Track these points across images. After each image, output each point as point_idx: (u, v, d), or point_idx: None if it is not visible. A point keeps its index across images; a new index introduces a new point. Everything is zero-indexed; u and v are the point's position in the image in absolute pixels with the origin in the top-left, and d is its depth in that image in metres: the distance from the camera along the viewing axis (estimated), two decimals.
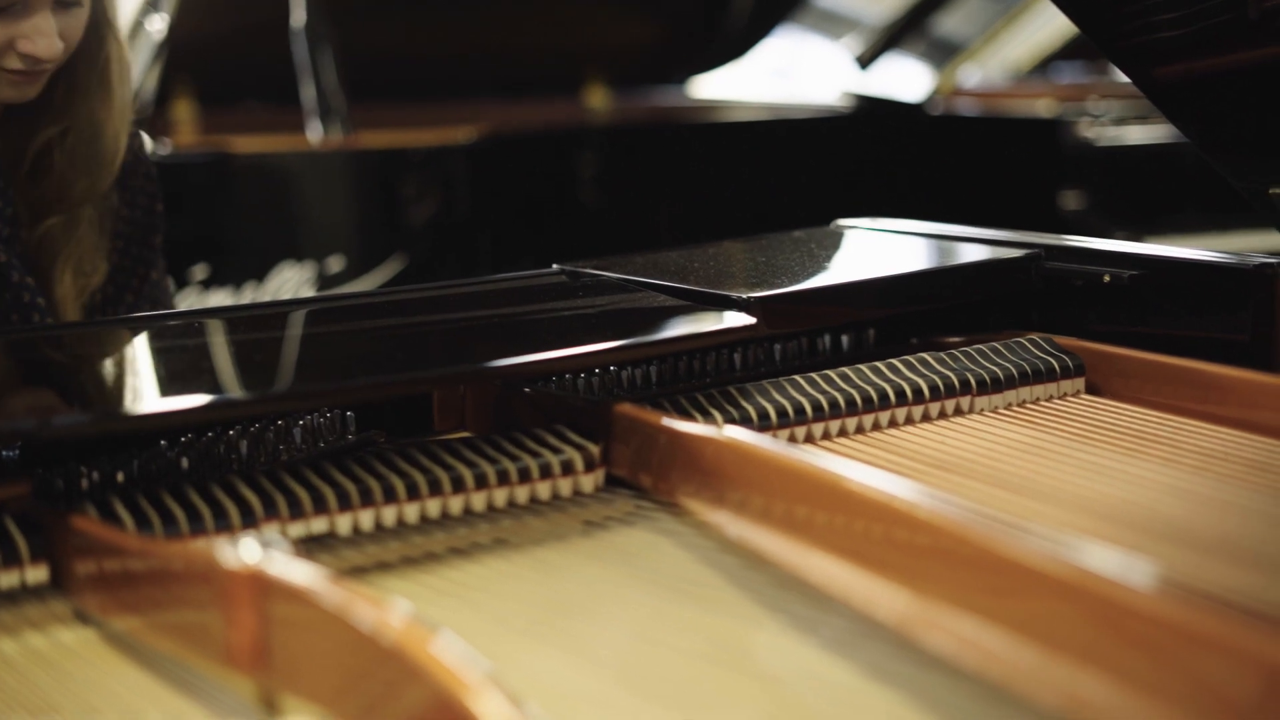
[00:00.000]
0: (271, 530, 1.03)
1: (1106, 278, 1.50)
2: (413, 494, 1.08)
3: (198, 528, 1.02)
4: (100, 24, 1.56)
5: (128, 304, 1.69)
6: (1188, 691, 0.75)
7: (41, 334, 1.39)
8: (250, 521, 1.03)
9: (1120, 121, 3.67)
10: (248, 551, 0.85)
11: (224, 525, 1.02)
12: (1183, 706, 0.75)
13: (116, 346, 1.27)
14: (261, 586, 0.84)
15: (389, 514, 1.08)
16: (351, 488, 1.06)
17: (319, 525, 1.05)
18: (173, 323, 1.35)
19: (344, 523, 1.06)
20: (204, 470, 1.15)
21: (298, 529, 1.05)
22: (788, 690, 0.84)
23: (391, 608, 0.78)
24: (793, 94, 4.80)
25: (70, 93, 1.56)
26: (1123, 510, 1.07)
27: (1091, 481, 1.14)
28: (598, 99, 4.15)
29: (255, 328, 1.34)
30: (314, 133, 3.07)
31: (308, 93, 3.09)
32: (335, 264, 2.93)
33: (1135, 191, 3.60)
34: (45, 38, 1.45)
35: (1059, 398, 1.38)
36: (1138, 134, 3.62)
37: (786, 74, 5.43)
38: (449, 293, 1.46)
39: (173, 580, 0.91)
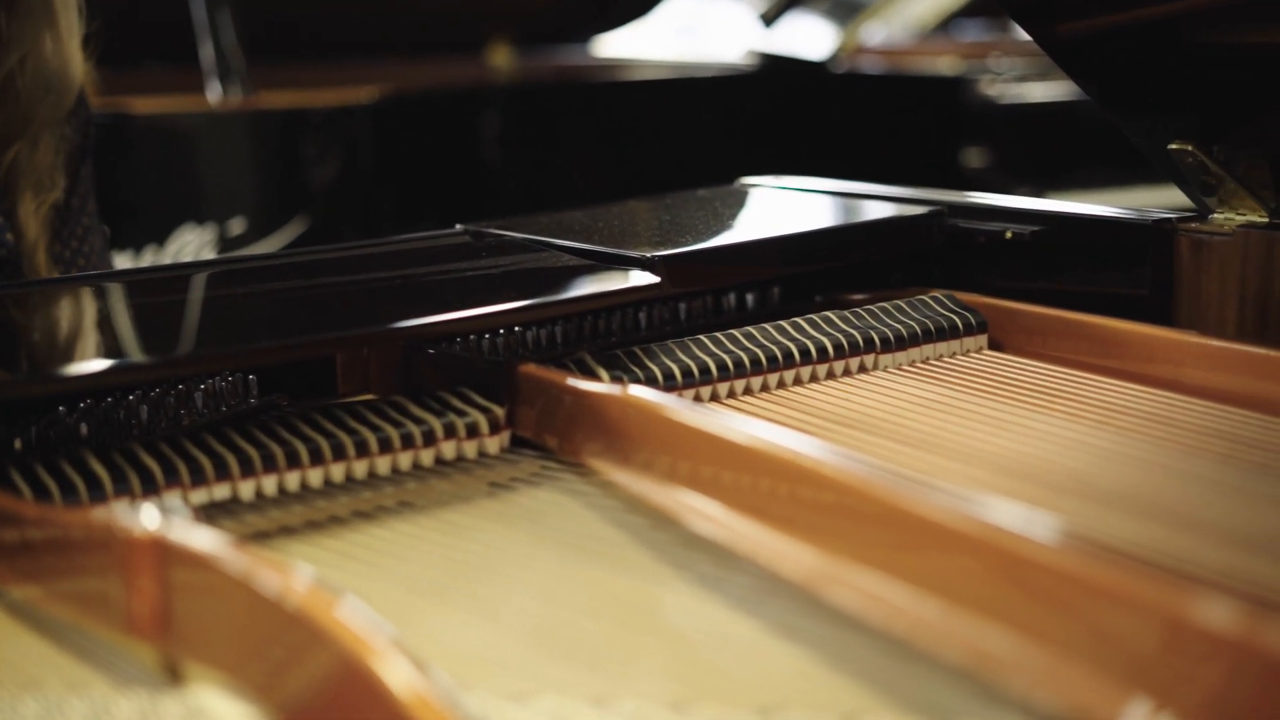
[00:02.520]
0: (173, 497, 1.02)
1: (1009, 234, 1.51)
2: (316, 458, 1.07)
3: (97, 495, 1.00)
4: None
5: (85, 223, 1.68)
6: (1090, 643, 0.76)
7: None
8: (151, 488, 1.02)
9: (1022, 79, 3.70)
10: (148, 518, 0.84)
11: (124, 492, 1.01)
12: (1085, 658, 0.76)
13: (11, 310, 1.25)
14: (162, 553, 0.83)
15: (292, 478, 1.07)
16: (254, 453, 1.05)
17: (221, 491, 1.04)
18: (71, 286, 1.33)
19: (247, 488, 1.05)
20: (104, 436, 1.14)
21: (200, 495, 1.04)
22: (695, 648, 0.84)
23: (295, 573, 0.77)
24: (697, 52, 4.80)
25: (20, 18, 1.54)
26: (1025, 464, 1.08)
27: (994, 436, 1.15)
28: (501, 58, 4.12)
29: (155, 291, 1.32)
30: (213, 93, 3.04)
31: (206, 53, 3.05)
32: (236, 226, 2.90)
33: (1037, 148, 3.63)
34: None
35: (962, 354, 1.38)
36: (1039, 91, 3.65)
37: (691, 32, 5.42)
38: (351, 254, 1.44)
39: (72, 549, 0.89)
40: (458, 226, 1.49)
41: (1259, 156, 1.40)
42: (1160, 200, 1.78)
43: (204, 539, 0.82)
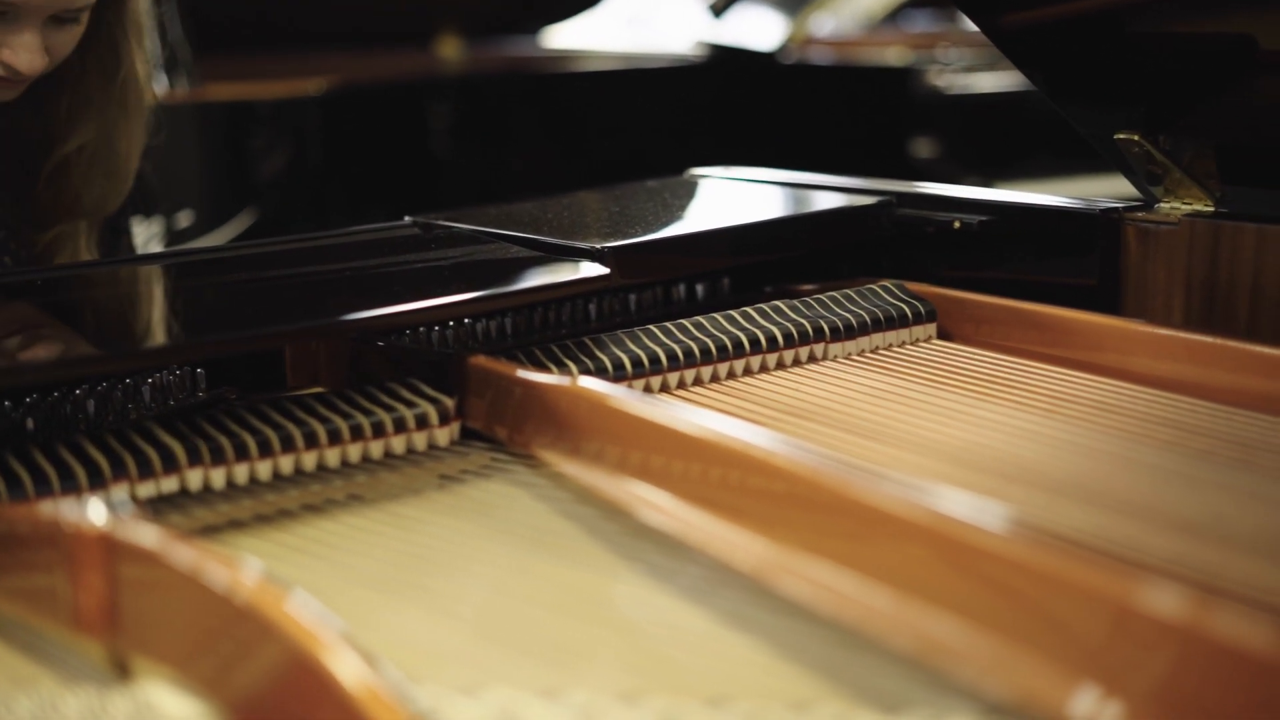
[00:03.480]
0: (120, 491, 1.01)
1: (957, 224, 1.52)
2: (265, 451, 1.07)
3: (44, 490, 0.99)
4: (119, 42, 1.54)
5: None
6: (1038, 630, 0.76)
7: None
8: (99, 482, 1.01)
9: (969, 70, 3.70)
10: (95, 513, 0.83)
11: (71, 487, 1.00)
12: (1034, 645, 0.76)
13: None
14: (109, 548, 0.82)
15: (241, 471, 1.06)
16: (202, 445, 1.05)
17: (169, 484, 1.04)
18: (18, 280, 1.32)
19: (195, 481, 1.04)
20: (50, 431, 1.13)
21: (148, 489, 1.03)
22: (645, 639, 0.84)
23: (243, 567, 0.77)
24: (646, 43, 4.79)
25: (85, 108, 1.54)
26: (974, 453, 1.09)
27: (943, 425, 1.15)
28: (450, 49, 4.11)
29: (103, 284, 1.31)
30: (160, 85, 3.01)
31: (153, 45, 3.03)
32: (184, 219, 2.88)
33: (985, 138, 3.63)
34: (29, 53, 1.41)
35: (911, 343, 1.39)
36: (987, 82, 3.66)
37: (640, 23, 5.42)
38: (300, 246, 1.44)
39: (18, 544, 0.89)
40: (407, 218, 1.49)
41: (1204, 146, 1.41)
42: (1107, 190, 1.79)
43: (151, 534, 0.81)
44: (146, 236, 2.84)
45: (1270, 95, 1.37)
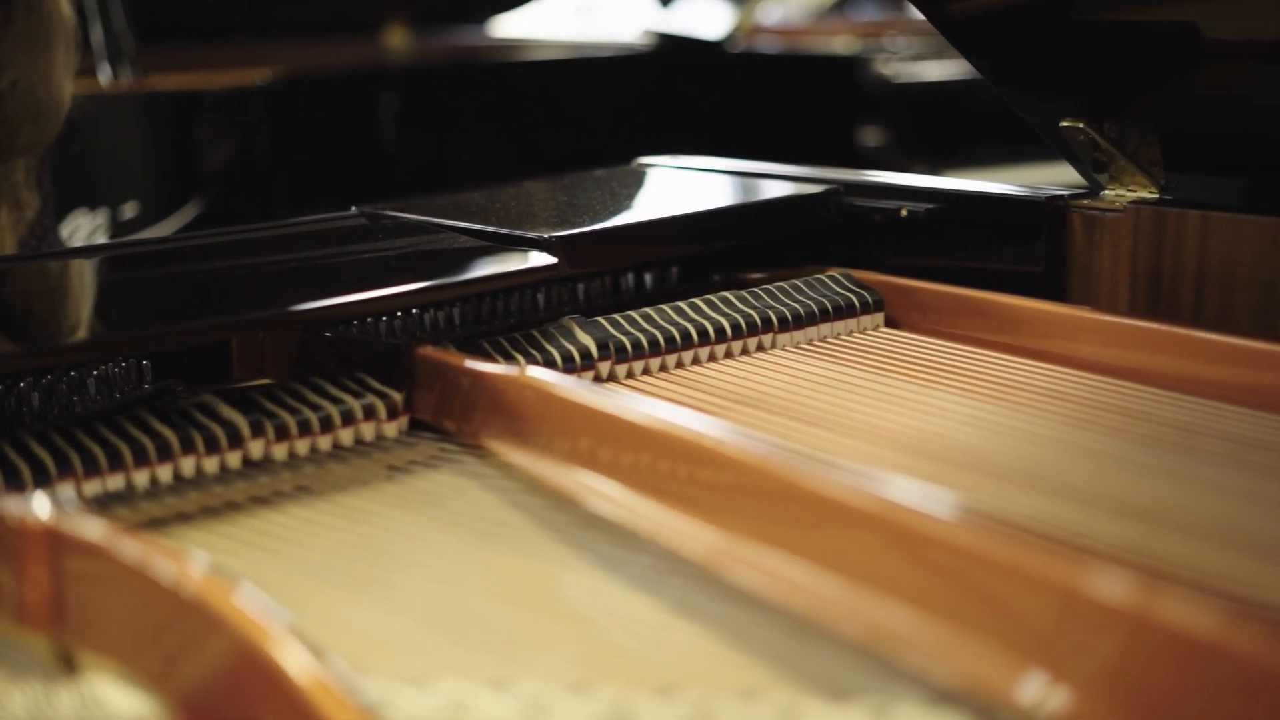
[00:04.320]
0: (66, 487, 1.00)
1: (904, 212, 1.53)
2: (212, 445, 1.06)
3: None
4: None
5: (49, 240, 1.68)
6: (986, 616, 0.77)
7: None
8: (44, 481, 1.00)
9: (917, 58, 3.72)
10: (39, 508, 0.83)
11: (16, 485, 0.99)
12: (981, 631, 0.77)
13: None
14: (54, 542, 0.82)
15: (188, 465, 1.05)
16: (149, 443, 1.04)
17: (115, 481, 1.03)
18: None
19: (141, 478, 1.03)
20: None
21: (93, 486, 1.02)
22: (595, 628, 0.84)
23: (190, 560, 0.77)
24: (594, 33, 4.79)
25: (12, 43, 1.52)
26: (922, 440, 1.09)
27: (891, 413, 1.15)
28: (397, 39, 4.09)
29: (47, 276, 1.30)
30: (104, 76, 2.99)
31: (96, 35, 3.00)
32: (130, 210, 2.86)
33: (933, 127, 3.65)
34: None
35: (859, 332, 1.39)
36: (934, 70, 3.67)
37: (588, 12, 5.42)
38: (247, 237, 1.43)
39: None
40: (354, 209, 1.48)
41: (1149, 133, 1.42)
42: (1054, 178, 1.80)
43: (97, 527, 0.81)
44: (92, 228, 2.83)
45: (1213, 83, 1.38)
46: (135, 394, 1.20)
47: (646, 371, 1.27)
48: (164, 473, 1.04)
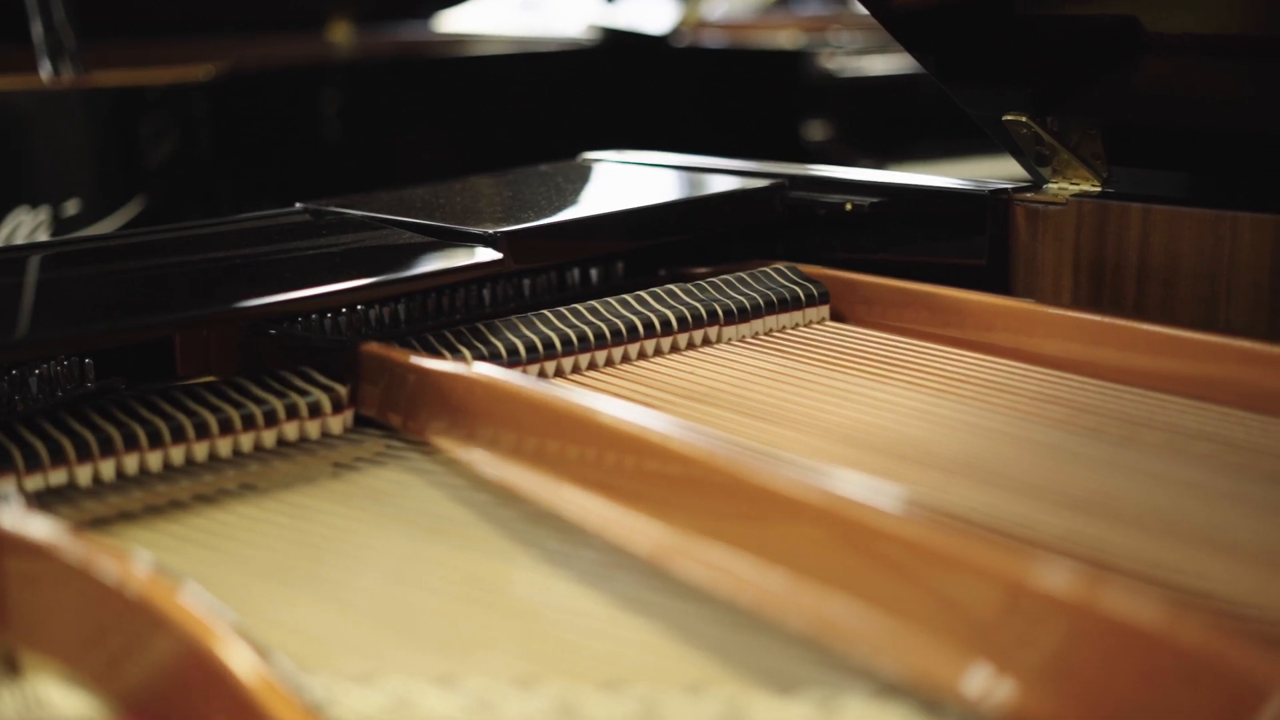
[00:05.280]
0: (6, 485, 1.00)
1: (849, 205, 1.53)
2: (155, 441, 1.06)
3: None
4: None
5: None
6: (932, 609, 0.77)
7: None
8: None
9: (861, 52, 3.73)
10: None
11: None
12: (928, 623, 0.77)
13: None
14: None
15: (131, 462, 1.05)
16: (90, 437, 1.03)
17: (58, 477, 1.02)
18: None
19: (84, 474, 1.03)
20: None
21: (35, 481, 1.01)
22: (541, 624, 0.84)
23: (134, 559, 0.76)
24: (539, 27, 4.78)
25: None
26: (868, 434, 1.09)
27: (837, 407, 1.16)
28: (341, 34, 4.08)
29: None
30: (45, 72, 2.97)
31: (36, 30, 2.98)
32: (72, 207, 2.84)
33: (877, 121, 3.66)
34: None
35: (805, 325, 1.40)
36: (879, 65, 3.68)
37: (532, 7, 5.41)
38: (190, 234, 1.42)
39: None
40: (298, 205, 1.48)
41: (1091, 127, 1.43)
42: (998, 171, 1.81)
43: (40, 528, 0.80)
44: (34, 225, 2.80)
45: (1155, 77, 1.39)
46: (78, 392, 1.19)
47: (593, 366, 1.27)
48: (107, 469, 1.04)
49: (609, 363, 1.27)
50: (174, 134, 2.98)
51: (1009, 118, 1.45)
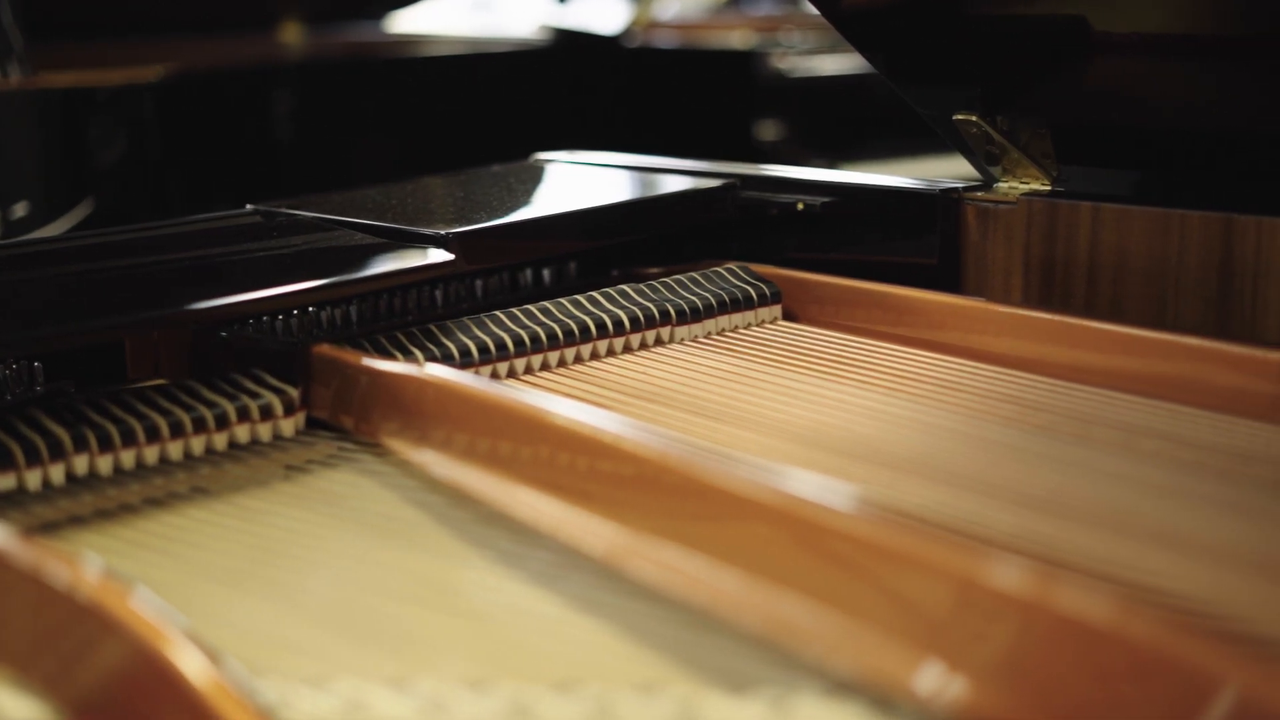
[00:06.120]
0: None
1: (800, 205, 1.53)
2: (105, 445, 1.05)
3: None
4: None
5: None
6: (884, 607, 0.77)
7: None
8: None
9: (813, 53, 3.73)
10: None
11: None
12: (881, 621, 0.77)
13: None
14: None
15: (81, 465, 1.04)
16: (40, 441, 1.03)
17: (6, 482, 1.01)
18: None
19: (33, 478, 1.02)
20: None
21: None
22: (494, 625, 0.84)
23: (84, 563, 0.76)
24: (491, 27, 4.77)
25: None
26: (819, 433, 1.10)
27: (789, 406, 1.16)
28: (292, 35, 4.06)
29: None
30: None
31: None
32: (19, 209, 2.82)
33: (829, 121, 3.67)
34: None
35: (757, 325, 1.40)
36: (830, 64, 3.69)
37: (484, 8, 5.40)
38: (139, 236, 1.41)
39: None
40: (248, 206, 1.47)
41: (1040, 126, 1.44)
42: (948, 171, 1.81)
43: None
44: None
45: (1103, 76, 1.40)
46: (27, 396, 1.18)
47: (545, 367, 1.26)
48: (56, 473, 1.03)
49: (561, 363, 1.27)
50: (123, 135, 2.97)
51: (959, 117, 1.45)
